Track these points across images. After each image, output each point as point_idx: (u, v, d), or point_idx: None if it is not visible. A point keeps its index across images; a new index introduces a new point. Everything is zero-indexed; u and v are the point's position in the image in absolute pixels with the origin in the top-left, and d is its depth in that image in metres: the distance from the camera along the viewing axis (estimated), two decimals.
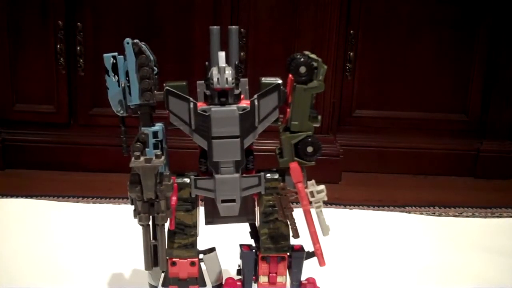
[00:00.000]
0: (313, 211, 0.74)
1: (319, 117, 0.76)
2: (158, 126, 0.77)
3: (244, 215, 0.81)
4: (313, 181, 0.75)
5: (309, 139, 0.74)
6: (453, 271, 1.11)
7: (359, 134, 1.80)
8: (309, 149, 0.74)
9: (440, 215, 1.44)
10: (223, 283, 0.84)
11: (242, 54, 1.44)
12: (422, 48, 1.73)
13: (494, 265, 1.14)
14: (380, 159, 1.80)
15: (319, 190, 0.74)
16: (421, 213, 1.44)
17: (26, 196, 1.44)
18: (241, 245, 0.82)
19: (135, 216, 0.74)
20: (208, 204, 0.80)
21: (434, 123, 1.79)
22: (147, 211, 0.73)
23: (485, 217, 1.44)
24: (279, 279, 0.81)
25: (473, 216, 1.44)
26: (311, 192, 0.74)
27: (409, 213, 1.44)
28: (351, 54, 1.71)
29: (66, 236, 1.22)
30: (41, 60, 1.67)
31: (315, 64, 0.72)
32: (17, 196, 1.44)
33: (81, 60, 1.66)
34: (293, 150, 0.75)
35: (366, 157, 1.79)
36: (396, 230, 1.30)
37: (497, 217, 1.44)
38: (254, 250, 0.81)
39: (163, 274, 0.82)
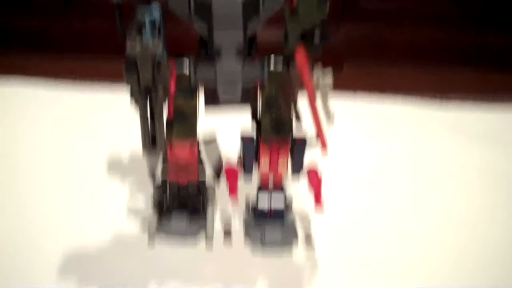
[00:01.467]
0: (318, 97, 0.71)
1: (328, 4, 0.71)
2: (155, 10, 0.72)
3: (246, 102, 0.78)
4: (319, 65, 0.71)
5: (316, 27, 0.70)
6: (450, 160, 1.12)
7: (363, 23, 1.75)
8: (316, 37, 0.70)
9: (441, 101, 1.42)
10: (224, 169, 0.82)
11: None
12: None
13: (493, 154, 1.14)
14: (383, 49, 1.76)
15: (325, 75, 0.71)
16: (422, 99, 1.42)
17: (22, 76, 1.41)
18: (242, 138, 0.80)
19: (132, 102, 0.72)
20: (208, 93, 0.78)
21: (439, 14, 1.74)
22: (144, 97, 0.71)
23: (487, 102, 1.41)
24: (281, 161, 0.79)
25: (474, 103, 1.42)
26: (317, 78, 0.71)
27: (410, 100, 1.41)
28: None
29: (62, 120, 1.20)
30: None
31: None
32: (13, 75, 1.41)
33: None
34: (299, 37, 0.71)
35: (369, 47, 1.76)
36: (398, 119, 1.28)
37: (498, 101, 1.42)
38: (255, 137, 0.79)
39: (161, 164, 0.81)
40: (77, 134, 1.15)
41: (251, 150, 0.79)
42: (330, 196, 0.82)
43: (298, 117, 0.75)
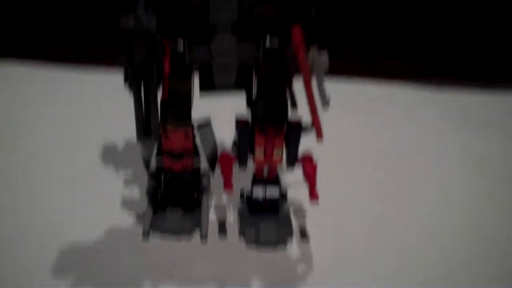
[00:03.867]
0: (314, 80, 0.70)
1: None
2: None
3: (241, 84, 0.76)
4: (315, 46, 0.69)
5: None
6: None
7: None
8: (312, 11, 0.69)
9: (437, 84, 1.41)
10: (218, 156, 0.81)
11: None
12: None
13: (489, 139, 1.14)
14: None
15: (321, 56, 0.69)
16: (418, 83, 1.41)
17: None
18: (237, 121, 0.78)
19: (125, 82, 0.70)
20: (203, 74, 0.76)
21: None
22: (138, 77, 0.69)
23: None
24: (275, 152, 0.78)
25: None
26: (313, 58, 0.69)
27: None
28: None
29: (57, 104, 1.19)
30: None
31: None
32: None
33: None
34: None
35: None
36: (393, 103, 1.28)
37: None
38: (250, 122, 0.78)
39: (156, 151, 0.79)
40: (71, 121, 1.14)
41: (246, 134, 0.77)
42: (324, 185, 0.80)
43: (294, 104, 0.73)
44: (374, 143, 1.09)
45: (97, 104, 1.19)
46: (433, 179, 1.01)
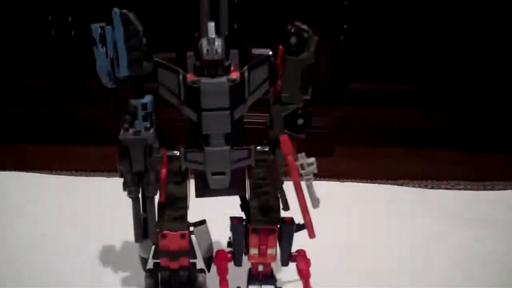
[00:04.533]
0: (303, 184, 0.74)
1: (310, 89, 0.75)
2: (148, 98, 0.76)
3: (234, 187, 0.80)
4: (303, 154, 0.74)
5: (299, 112, 0.74)
6: (446, 243, 1.12)
7: (353, 106, 1.79)
8: (299, 121, 0.74)
9: (432, 187, 1.44)
10: (214, 255, 0.84)
11: (235, 25, 1.42)
12: (416, 20, 1.71)
13: (486, 237, 1.15)
14: (374, 132, 1.79)
15: (310, 162, 0.74)
16: (414, 186, 1.44)
17: (17, 169, 1.44)
18: (231, 218, 0.82)
19: (124, 189, 0.74)
20: (198, 177, 0.80)
21: (427, 95, 1.77)
22: (136, 183, 0.73)
23: (477, 189, 1.44)
24: (269, 251, 0.81)
25: (465, 189, 1.45)
26: (301, 165, 0.74)
27: (402, 185, 1.44)
28: (345, 26, 1.69)
29: (56, 209, 1.22)
30: (33, 32, 1.65)
31: (306, 35, 0.71)
32: (7, 170, 1.44)
33: (72, 32, 1.64)
34: (283, 122, 0.75)
35: (359, 130, 1.79)
36: (388, 203, 1.31)
37: (489, 189, 1.44)
38: (244, 223, 0.81)
39: (153, 247, 0.82)
40: (71, 219, 1.16)
41: (241, 231, 0.81)
42: (319, 281, 0.83)
43: (286, 207, 0.76)
44: (369, 242, 1.12)
45: (96, 206, 1.22)
46: (436, 279, 1.02)
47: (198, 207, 0.84)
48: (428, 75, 1.76)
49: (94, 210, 1.21)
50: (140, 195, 0.75)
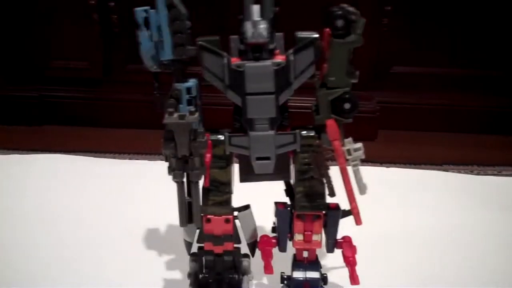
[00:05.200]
0: (350, 169, 0.73)
1: (357, 72, 0.73)
2: (192, 82, 0.75)
3: (279, 172, 0.79)
4: (350, 139, 0.73)
5: (347, 96, 0.72)
6: (491, 230, 1.10)
7: (396, 90, 1.76)
8: (346, 105, 0.72)
9: (478, 173, 1.41)
10: (258, 240, 0.83)
11: (277, 8, 1.39)
12: (460, 2, 1.67)
13: None
14: (417, 116, 1.77)
15: (356, 148, 0.72)
16: (459, 172, 1.42)
17: (63, 152, 1.46)
18: (276, 203, 0.81)
19: (169, 173, 0.74)
20: (242, 162, 0.79)
21: (472, 79, 1.74)
22: (181, 168, 0.73)
23: None
24: (315, 237, 0.80)
25: None
26: (348, 150, 0.72)
27: (447, 171, 1.41)
28: (388, 8, 1.66)
29: (102, 193, 1.23)
30: (74, 17, 1.67)
31: (353, 17, 0.69)
32: (54, 152, 1.46)
33: (114, 16, 1.65)
34: (329, 107, 0.73)
35: (403, 114, 1.76)
36: (433, 188, 1.28)
37: None
38: (289, 208, 0.80)
39: (198, 231, 0.82)
40: (117, 203, 1.18)
41: (285, 217, 0.80)
42: (364, 268, 0.82)
43: (332, 193, 0.75)
44: (413, 226, 1.10)
45: (141, 189, 1.23)
46: (477, 264, 0.99)
47: (242, 192, 0.83)
48: (472, 59, 1.73)
49: (138, 194, 1.22)
50: (185, 180, 0.75)
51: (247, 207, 0.83)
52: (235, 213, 0.81)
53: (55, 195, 1.21)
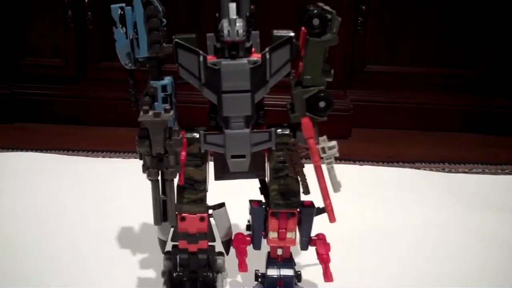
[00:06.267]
0: (324, 167, 0.73)
1: (332, 71, 0.74)
2: (167, 80, 0.75)
3: (254, 170, 0.79)
4: (324, 137, 0.73)
5: (321, 94, 0.73)
6: (460, 227, 1.11)
7: (370, 89, 1.78)
8: (321, 104, 0.73)
9: (449, 171, 1.43)
10: (233, 238, 0.83)
11: (252, 6, 1.39)
12: (435, 2, 1.69)
13: (502, 222, 1.14)
14: (391, 114, 1.78)
15: (331, 146, 0.73)
16: (431, 169, 1.43)
17: (35, 150, 1.45)
18: (250, 201, 0.82)
19: (144, 171, 0.73)
20: (217, 160, 0.79)
21: (446, 78, 1.76)
22: (156, 166, 0.72)
23: (495, 174, 1.43)
24: (289, 235, 0.80)
25: (483, 172, 1.43)
26: (323, 148, 0.73)
27: (419, 169, 1.43)
28: (363, 7, 1.68)
29: (75, 190, 1.22)
30: (48, 13, 1.65)
31: (329, 16, 0.70)
32: (26, 150, 1.45)
33: (89, 13, 1.64)
34: (304, 105, 0.74)
35: (376, 113, 1.78)
36: (405, 186, 1.30)
37: (508, 174, 1.43)
38: (264, 206, 0.80)
39: (172, 229, 0.82)
40: (91, 201, 1.17)
41: (260, 215, 0.80)
42: (338, 265, 0.83)
43: (306, 191, 0.76)
44: (387, 224, 1.11)
45: (115, 188, 1.23)
46: (450, 261, 1.01)
47: (217, 190, 0.83)
48: (445, 58, 1.75)
49: (112, 192, 1.21)
50: (159, 178, 0.75)
51: (221, 205, 0.83)
52: (210, 211, 0.81)
53: (28, 193, 1.20)
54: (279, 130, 0.76)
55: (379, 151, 1.57)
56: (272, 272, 0.83)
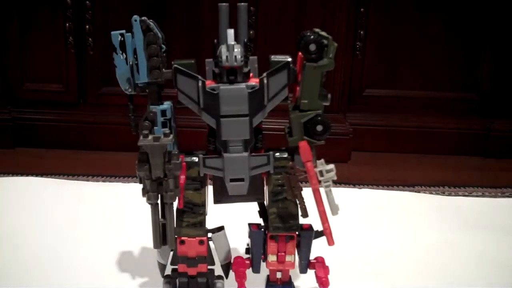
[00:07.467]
0: (322, 191, 0.74)
1: (329, 95, 0.75)
2: (167, 105, 0.76)
3: (253, 194, 0.80)
4: (322, 160, 0.74)
5: (319, 118, 0.74)
6: (461, 250, 1.11)
7: (369, 113, 1.79)
8: (319, 127, 0.74)
9: (449, 194, 1.43)
10: (232, 262, 0.84)
11: (251, 32, 1.42)
12: (432, 26, 1.71)
13: (502, 245, 1.14)
14: (390, 138, 1.79)
15: (329, 169, 0.74)
16: (431, 193, 1.44)
17: (36, 175, 1.45)
18: (249, 224, 0.82)
19: (143, 195, 0.74)
20: (216, 183, 0.80)
21: (444, 102, 1.77)
22: (155, 189, 0.73)
23: (495, 197, 1.43)
24: (288, 258, 0.80)
25: (483, 196, 1.44)
26: (320, 171, 0.74)
27: (419, 192, 1.43)
28: (361, 32, 1.69)
29: (75, 215, 1.22)
30: (50, 39, 1.67)
31: (325, 41, 0.71)
32: (27, 175, 1.45)
33: (90, 39, 1.65)
34: (302, 129, 0.75)
35: (375, 136, 1.79)
36: (405, 209, 1.30)
37: (507, 197, 1.43)
38: (263, 229, 0.81)
39: (171, 253, 0.82)
40: (91, 225, 1.17)
41: (259, 238, 0.81)
42: (336, 285, 0.83)
43: (304, 214, 0.76)
44: (386, 247, 1.11)
45: (115, 212, 1.23)
46: (453, 285, 1.00)
47: (216, 214, 0.84)
48: (444, 81, 1.76)
49: (111, 216, 1.21)
50: (159, 201, 0.75)
51: (221, 228, 0.83)
52: (209, 235, 0.82)
53: (27, 218, 1.20)
54: (277, 154, 0.77)
55: (378, 175, 1.57)
56: None
